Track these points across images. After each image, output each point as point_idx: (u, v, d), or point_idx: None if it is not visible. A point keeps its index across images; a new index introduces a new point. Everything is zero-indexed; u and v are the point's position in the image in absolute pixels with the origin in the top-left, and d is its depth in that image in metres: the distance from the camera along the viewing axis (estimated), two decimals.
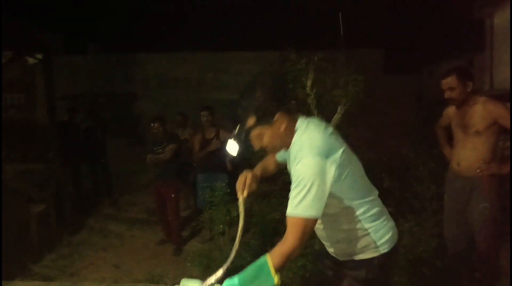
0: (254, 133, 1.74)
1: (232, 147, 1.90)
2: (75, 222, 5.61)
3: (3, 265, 3.88)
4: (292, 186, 1.63)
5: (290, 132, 1.74)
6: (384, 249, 1.81)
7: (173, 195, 4.84)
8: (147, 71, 10.19)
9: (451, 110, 3.08)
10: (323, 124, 1.82)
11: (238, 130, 1.74)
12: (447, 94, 2.90)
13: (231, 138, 1.82)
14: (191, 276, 4.14)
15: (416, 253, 3.26)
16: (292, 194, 1.62)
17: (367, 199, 1.78)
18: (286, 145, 1.77)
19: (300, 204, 1.58)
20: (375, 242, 1.80)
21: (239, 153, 1.94)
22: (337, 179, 1.65)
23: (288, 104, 1.97)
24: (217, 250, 3.98)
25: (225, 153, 4.86)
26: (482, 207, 2.83)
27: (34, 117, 6.36)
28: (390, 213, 1.86)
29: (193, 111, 5.95)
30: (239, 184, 1.98)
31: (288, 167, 1.85)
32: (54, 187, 5.40)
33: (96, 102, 9.28)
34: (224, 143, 4.85)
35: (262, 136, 1.75)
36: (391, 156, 5.07)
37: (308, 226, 1.60)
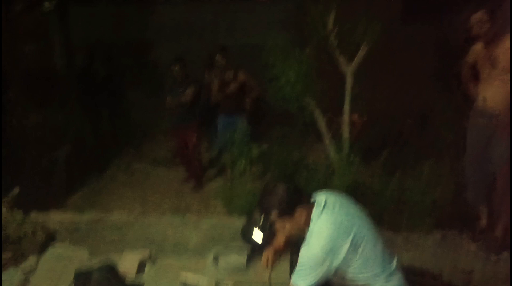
0: (277, 226, 1.96)
1: (257, 236, 2.10)
2: (101, 161, 5.85)
3: (39, 198, 4.15)
4: (298, 262, 1.90)
5: (308, 220, 1.91)
6: None
7: (194, 139, 4.95)
8: (163, 19, 10.01)
9: (478, 47, 3.06)
10: (338, 204, 1.94)
11: (263, 221, 1.99)
12: (475, 30, 2.90)
13: (256, 227, 2.06)
14: (214, 211, 4.40)
15: (434, 196, 3.40)
16: (297, 267, 1.90)
17: (383, 271, 1.90)
18: (305, 231, 1.94)
19: (300, 277, 1.86)
20: None
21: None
22: (343, 267, 1.85)
23: (306, 195, 2.03)
24: (240, 185, 4.16)
25: (244, 94, 4.98)
26: (506, 145, 2.90)
27: (51, 65, 6.43)
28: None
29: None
30: (263, 262, 2.27)
31: None
32: (76, 130, 5.61)
33: (113, 50, 9.22)
34: (242, 84, 4.94)
35: (285, 226, 1.95)
36: (410, 103, 5.11)
37: None
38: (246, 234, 2.73)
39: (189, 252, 3.22)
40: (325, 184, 2.74)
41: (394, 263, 1.93)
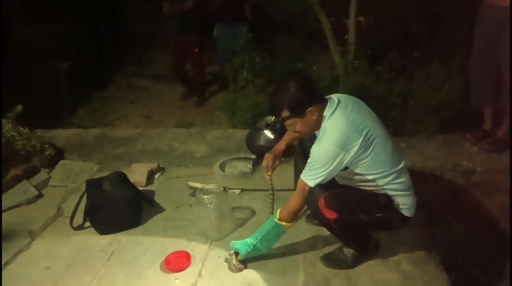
0: (288, 123, 1.91)
1: (268, 135, 2.11)
2: (101, 78, 5.77)
3: (41, 117, 4.16)
4: (309, 159, 1.87)
5: (320, 119, 1.88)
6: (404, 212, 1.95)
7: (196, 49, 4.80)
8: None
9: None
10: (351, 104, 1.90)
11: (273, 121, 1.99)
12: None
13: (266, 128, 2.06)
14: (218, 124, 4.41)
15: (439, 98, 3.36)
16: (308, 161, 1.87)
17: (391, 171, 1.89)
18: (317, 129, 1.92)
19: (309, 175, 1.86)
20: (397, 205, 1.94)
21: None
22: (354, 163, 1.84)
23: (319, 94, 1.93)
24: (243, 98, 4.13)
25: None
26: None
27: None
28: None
29: None
30: (264, 166, 2.24)
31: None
32: (75, 45, 5.46)
33: None
34: None
35: (295, 125, 1.90)
36: (419, 3, 4.86)
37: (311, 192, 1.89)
38: (252, 141, 2.78)
39: (196, 162, 3.28)
40: (330, 91, 2.69)
41: (402, 164, 1.94)
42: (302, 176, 1.89)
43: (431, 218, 2.73)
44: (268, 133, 2.07)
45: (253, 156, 2.93)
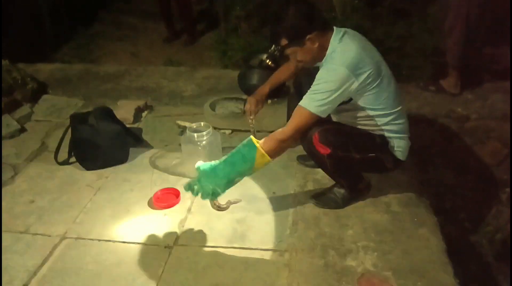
0: (288, 52, 1.78)
1: (268, 64, 2.00)
2: (87, 14, 5.48)
3: (23, 51, 3.94)
4: (314, 83, 1.70)
5: (324, 47, 1.74)
6: (397, 155, 1.90)
7: None
8: None
9: None
10: (359, 36, 1.80)
11: (273, 49, 1.80)
12: None
13: (266, 57, 1.91)
14: (209, 63, 4.25)
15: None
16: (311, 88, 1.70)
17: (392, 111, 1.81)
18: (320, 59, 1.78)
19: (313, 100, 1.68)
20: (392, 147, 1.88)
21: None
22: (359, 93, 1.73)
23: (320, 21, 1.75)
24: (235, 38, 3.97)
25: None
26: None
27: None
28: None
29: None
30: (246, 109, 2.16)
31: None
32: None
33: None
34: None
35: (296, 53, 1.78)
36: None
37: (310, 121, 1.72)
38: (244, 79, 2.68)
39: (185, 101, 3.18)
40: None
41: (402, 105, 1.88)
42: (302, 102, 1.71)
43: (422, 163, 2.72)
44: (268, 63, 1.97)
45: (245, 97, 2.83)
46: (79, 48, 4.90)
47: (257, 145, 1.70)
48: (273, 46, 1.82)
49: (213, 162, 1.75)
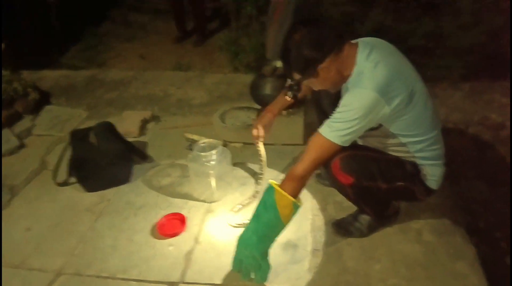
0: (305, 84, 1.62)
1: (288, 97, 1.79)
2: (96, 13, 5.31)
3: (29, 57, 3.79)
4: (337, 109, 1.46)
5: (345, 69, 1.50)
6: (430, 184, 1.67)
7: None
8: None
9: None
10: (389, 49, 1.55)
11: (289, 83, 1.66)
12: None
13: (285, 93, 1.74)
14: (219, 65, 4.05)
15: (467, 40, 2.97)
16: (333, 116, 1.47)
17: (427, 136, 1.58)
18: (343, 81, 1.55)
19: (336, 130, 1.45)
20: (424, 176, 1.65)
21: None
22: (390, 119, 1.49)
23: (333, 44, 1.48)
24: (245, 37, 3.74)
25: None
26: None
27: None
28: None
29: None
30: (254, 135, 1.97)
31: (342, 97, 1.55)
32: None
33: None
34: None
35: (314, 85, 1.60)
36: None
37: (331, 152, 1.50)
38: (256, 89, 2.46)
39: (193, 110, 2.98)
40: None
41: (438, 131, 1.64)
42: (322, 130, 1.48)
43: (453, 176, 2.47)
44: (289, 98, 1.77)
45: (257, 106, 2.61)
46: (87, 50, 4.74)
47: (275, 186, 1.49)
48: (289, 80, 1.60)
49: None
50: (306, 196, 2.08)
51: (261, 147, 2.06)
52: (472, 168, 2.67)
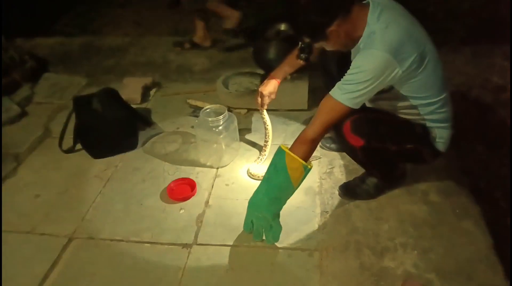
0: (316, 46, 1.59)
1: (301, 59, 1.70)
2: None
3: (21, 24, 3.68)
4: (348, 71, 1.44)
5: (355, 31, 1.47)
6: (438, 146, 1.67)
7: None
8: None
9: None
10: (399, 9, 1.51)
11: (300, 45, 1.62)
12: None
13: (298, 55, 1.68)
14: (217, 32, 3.97)
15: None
16: (344, 78, 1.45)
17: (437, 98, 1.58)
18: (353, 43, 1.51)
19: (347, 91, 1.43)
20: (433, 138, 1.66)
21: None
22: (401, 81, 1.47)
23: (340, 5, 1.44)
24: (245, 1, 3.66)
25: None
26: None
27: None
28: None
29: None
30: (258, 101, 2.01)
31: (352, 59, 1.51)
32: None
33: None
34: None
35: (325, 45, 1.56)
36: None
37: (342, 114, 1.47)
38: (260, 53, 2.43)
39: (195, 77, 2.95)
40: None
41: (447, 94, 1.64)
42: (333, 92, 1.46)
43: (454, 138, 2.51)
44: (301, 61, 1.76)
45: (260, 71, 2.59)
46: (80, 17, 4.61)
47: (285, 149, 1.50)
48: (300, 43, 1.60)
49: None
50: (313, 160, 2.09)
51: (265, 114, 2.07)
52: (473, 131, 2.70)
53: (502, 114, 2.67)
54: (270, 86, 1.99)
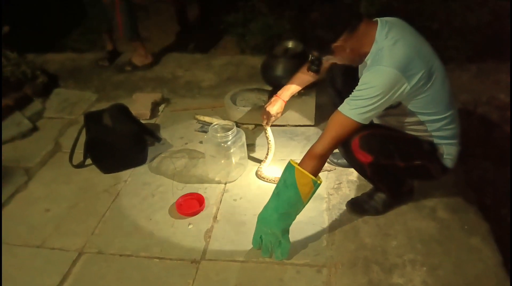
0: (324, 60, 1.67)
1: (311, 71, 1.81)
2: None
3: (32, 40, 3.76)
4: (357, 87, 1.48)
5: (361, 47, 1.52)
6: (446, 163, 1.69)
7: None
8: None
9: None
10: (407, 28, 1.55)
11: (310, 59, 1.72)
12: None
13: (309, 67, 1.78)
14: (225, 47, 4.02)
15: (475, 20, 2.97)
16: (353, 94, 1.48)
17: (445, 115, 1.60)
18: (361, 58, 1.56)
19: (356, 107, 1.46)
20: (441, 155, 1.67)
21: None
22: (409, 97, 1.50)
23: (346, 22, 1.49)
24: (253, 20, 3.72)
25: None
26: None
27: None
28: None
29: None
30: (262, 117, 2.08)
31: (359, 75, 1.59)
32: None
33: None
34: None
35: (333, 59, 1.62)
36: None
37: (351, 130, 1.51)
38: (268, 70, 2.47)
39: (203, 92, 2.99)
40: None
41: (454, 110, 1.66)
42: (342, 108, 1.48)
43: (461, 155, 2.52)
44: (311, 73, 1.80)
45: (267, 87, 2.63)
46: (89, 32, 4.68)
47: (294, 164, 1.52)
48: (310, 56, 1.66)
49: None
50: (321, 175, 2.10)
51: (268, 131, 2.12)
52: (479, 147, 2.71)
53: (508, 131, 2.68)
54: (277, 106, 2.03)
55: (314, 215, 1.89)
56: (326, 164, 1.75)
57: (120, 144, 2.21)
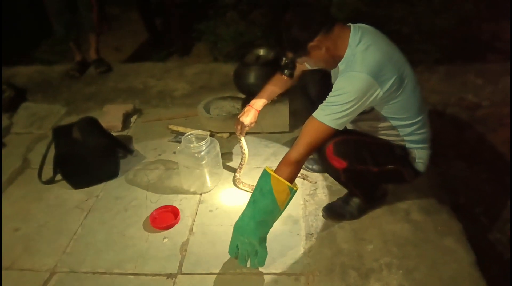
0: (298, 62, 1.67)
1: (285, 75, 1.80)
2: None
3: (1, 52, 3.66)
4: (331, 93, 1.49)
5: (336, 49, 1.53)
6: (418, 166, 1.72)
7: None
8: None
9: None
10: (379, 34, 1.57)
11: (284, 61, 1.71)
12: None
13: (282, 71, 1.78)
14: (198, 55, 4.00)
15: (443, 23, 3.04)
16: (327, 100, 1.49)
17: (416, 119, 1.63)
18: (335, 61, 1.57)
19: (330, 113, 1.47)
20: (413, 159, 1.70)
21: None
22: (382, 102, 1.53)
23: (321, 23, 1.51)
24: (224, 27, 3.72)
25: None
26: None
27: None
28: None
29: None
30: (236, 127, 2.06)
31: (332, 81, 1.61)
32: None
33: None
34: None
35: (307, 62, 1.66)
36: None
37: (326, 136, 1.51)
38: (240, 78, 2.46)
39: (176, 102, 2.96)
40: None
41: (425, 115, 1.69)
42: (317, 114, 1.49)
43: (433, 155, 2.56)
44: (285, 76, 1.79)
45: (242, 95, 2.62)
46: (59, 44, 4.58)
47: (270, 172, 1.51)
48: (283, 58, 1.65)
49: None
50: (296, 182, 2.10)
51: (242, 140, 2.12)
52: (451, 147, 2.76)
53: (479, 130, 2.75)
54: (250, 116, 2.02)
55: (290, 222, 1.88)
56: (302, 170, 1.74)
57: (90, 158, 2.16)
